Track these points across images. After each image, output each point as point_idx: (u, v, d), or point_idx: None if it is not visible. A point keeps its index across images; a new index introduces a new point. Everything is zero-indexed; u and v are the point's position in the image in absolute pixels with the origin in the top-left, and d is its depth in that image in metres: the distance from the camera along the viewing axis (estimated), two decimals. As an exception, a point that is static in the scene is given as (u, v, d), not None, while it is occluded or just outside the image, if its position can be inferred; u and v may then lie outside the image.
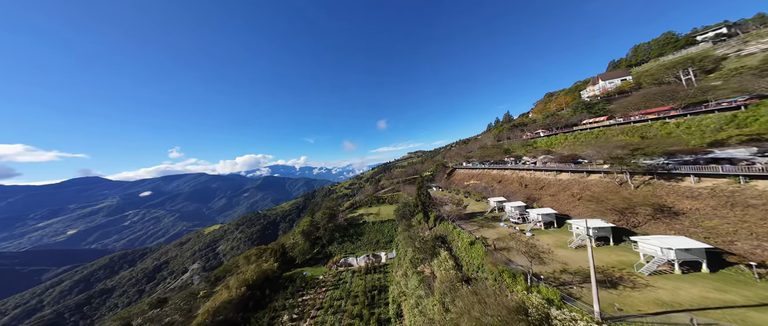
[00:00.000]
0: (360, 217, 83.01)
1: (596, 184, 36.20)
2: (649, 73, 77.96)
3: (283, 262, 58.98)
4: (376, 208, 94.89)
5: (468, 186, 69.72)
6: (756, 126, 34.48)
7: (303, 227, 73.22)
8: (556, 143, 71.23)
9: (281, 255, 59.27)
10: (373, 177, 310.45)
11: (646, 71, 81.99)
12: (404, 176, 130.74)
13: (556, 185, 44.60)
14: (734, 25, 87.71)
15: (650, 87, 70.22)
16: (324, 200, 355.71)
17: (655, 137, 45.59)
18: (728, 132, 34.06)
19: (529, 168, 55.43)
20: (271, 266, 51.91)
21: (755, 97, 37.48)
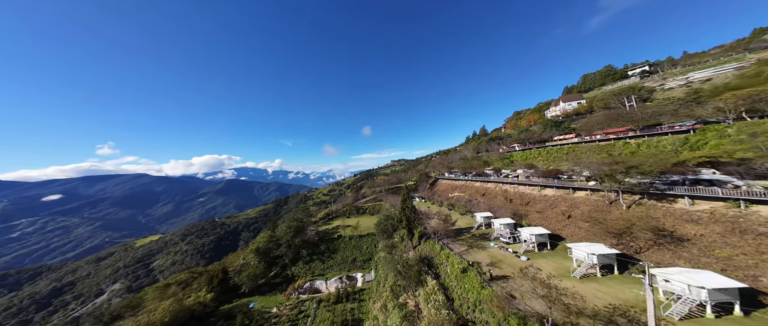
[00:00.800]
0: (335, 230, 73.06)
1: (584, 202, 34.92)
2: (599, 98, 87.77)
3: (224, 291, 46.01)
4: (354, 219, 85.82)
5: (452, 199, 66.40)
6: (707, 149, 37.69)
7: (259, 243, 60.52)
8: (530, 157, 73.48)
9: (220, 281, 46.18)
10: (355, 184, 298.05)
11: (595, 96, 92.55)
12: (387, 184, 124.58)
13: (541, 201, 43.08)
14: (653, 64, 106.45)
15: (600, 110, 78.19)
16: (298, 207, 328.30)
17: (620, 155, 48.10)
18: (684, 155, 36.44)
19: (513, 182, 54.25)
20: (201, 298, 39.04)
21: (700, 122, 41.80)
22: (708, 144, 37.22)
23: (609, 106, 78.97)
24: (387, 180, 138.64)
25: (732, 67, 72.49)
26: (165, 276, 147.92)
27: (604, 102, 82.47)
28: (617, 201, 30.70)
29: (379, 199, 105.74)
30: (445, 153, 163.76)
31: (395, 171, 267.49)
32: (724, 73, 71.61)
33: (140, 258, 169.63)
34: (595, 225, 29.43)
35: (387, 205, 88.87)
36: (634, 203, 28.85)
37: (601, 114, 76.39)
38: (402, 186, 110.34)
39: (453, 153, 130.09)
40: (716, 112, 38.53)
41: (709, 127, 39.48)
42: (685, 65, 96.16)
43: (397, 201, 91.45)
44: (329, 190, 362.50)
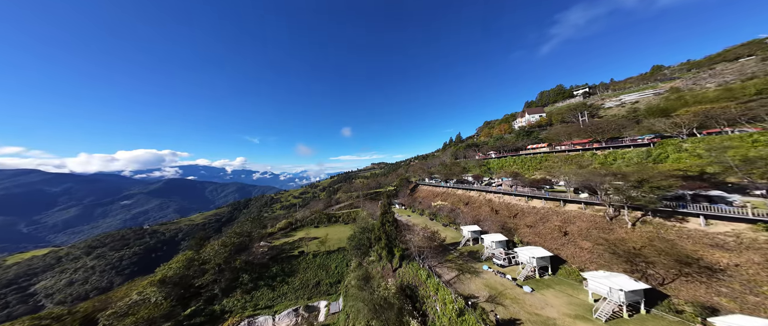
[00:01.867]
0: (296, 245, 59.34)
1: (579, 217, 31.69)
2: (557, 112, 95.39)
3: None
4: (324, 230, 72.96)
5: (434, 208, 60.11)
6: (669, 162, 39.33)
7: (170, 270, 42.72)
8: (506, 165, 73.11)
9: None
10: (331, 187, 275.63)
11: (552, 111, 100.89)
12: (365, 189, 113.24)
13: (531, 213, 39.40)
14: (591, 87, 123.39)
15: (558, 123, 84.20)
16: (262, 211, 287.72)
17: (590, 164, 48.64)
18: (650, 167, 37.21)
19: (497, 191, 50.57)
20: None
21: (657, 136, 44.59)
22: (669, 157, 39.01)
23: (565, 119, 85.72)
24: (365, 184, 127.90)
25: (651, 92, 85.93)
26: (54, 301, 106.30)
27: (561, 116, 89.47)
28: (619, 217, 27.68)
29: (356, 205, 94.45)
30: (423, 158, 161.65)
31: (375, 175, 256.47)
32: (647, 97, 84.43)
33: (12, 280, 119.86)
34: (598, 245, 25.62)
35: (364, 213, 78.48)
36: (638, 220, 25.97)
37: (560, 126, 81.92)
38: (382, 192, 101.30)
39: (431, 158, 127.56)
40: (673, 126, 41.05)
41: (665, 141, 42.06)
42: (615, 89, 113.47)
43: (376, 208, 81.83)
44: (301, 192, 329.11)
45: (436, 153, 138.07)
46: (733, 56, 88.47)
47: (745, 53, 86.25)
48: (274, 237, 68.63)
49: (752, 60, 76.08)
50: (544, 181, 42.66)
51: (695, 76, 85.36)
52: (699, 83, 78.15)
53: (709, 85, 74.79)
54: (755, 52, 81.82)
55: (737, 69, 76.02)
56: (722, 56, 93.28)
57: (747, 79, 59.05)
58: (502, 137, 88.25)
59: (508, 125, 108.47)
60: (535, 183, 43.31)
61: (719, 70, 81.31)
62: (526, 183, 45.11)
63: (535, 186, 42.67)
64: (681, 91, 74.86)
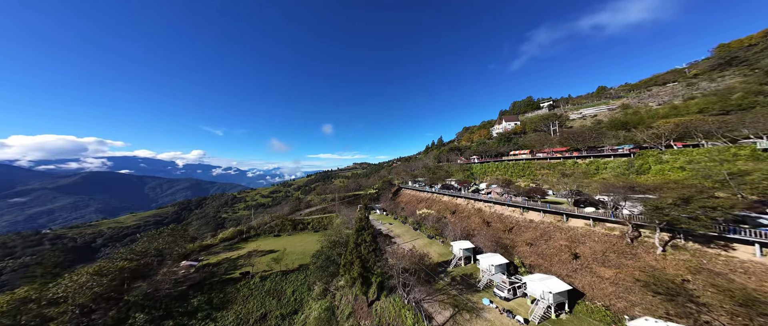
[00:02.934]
0: (240, 264, 44.71)
1: (588, 236, 26.84)
2: (530, 121, 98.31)
3: None
4: (285, 240, 59.27)
5: (419, 216, 52.12)
6: (652, 174, 38.49)
7: None
8: (489, 171, 69.89)
9: None
10: (307, 186, 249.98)
11: (526, 120, 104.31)
12: (343, 191, 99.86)
13: (528, 228, 34.03)
14: (555, 100, 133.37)
15: (531, 132, 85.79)
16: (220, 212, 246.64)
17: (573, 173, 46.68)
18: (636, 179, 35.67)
19: (487, 199, 44.96)
20: None
21: (636, 147, 44.58)
22: (651, 169, 38.23)
23: (537, 128, 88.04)
24: (344, 186, 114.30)
25: (606, 107, 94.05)
26: None
27: (534, 125, 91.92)
28: (640, 238, 23.05)
29: (331, 210, 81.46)
30: (406, 160, 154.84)
31: (356, 175, 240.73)
32: (603, 112, 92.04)
33: None
34: (622, 274, 20.38)
35: (339, 221, 66.80)
36: (667, 244, 21.52)
37: (534, 135, 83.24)
38: (362, 195, 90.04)
39: (414, 160, 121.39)
40: (653, 137, 40.86)
41: (644, 151, 41.98)
42: (574, 104, 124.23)
43: (354, 213, 71.37)
44: (272, 191, 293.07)
45: (419, 155, 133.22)
46: (662, 81, 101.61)
47: (670, 79, 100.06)
48: (213, 251, 52.40)
49: (679, 85, 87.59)
50: (537, 191, 38.13)
51: (638, 95, 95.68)
52: (643, 101, 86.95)
53: (651, 103, 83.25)
54: (678, 79, 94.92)
55: (669, 91, 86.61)
56: (653, 80, 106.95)
57: (689, 98, 66.13)
58: (485, 142, 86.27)
59: (486, 131, 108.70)
60: (529, 192, 38.56)
61: (655, 92, 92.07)
62: (520, 192, 40.43)
63: (527, 196, 37.99)
64: (630, 107, 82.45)
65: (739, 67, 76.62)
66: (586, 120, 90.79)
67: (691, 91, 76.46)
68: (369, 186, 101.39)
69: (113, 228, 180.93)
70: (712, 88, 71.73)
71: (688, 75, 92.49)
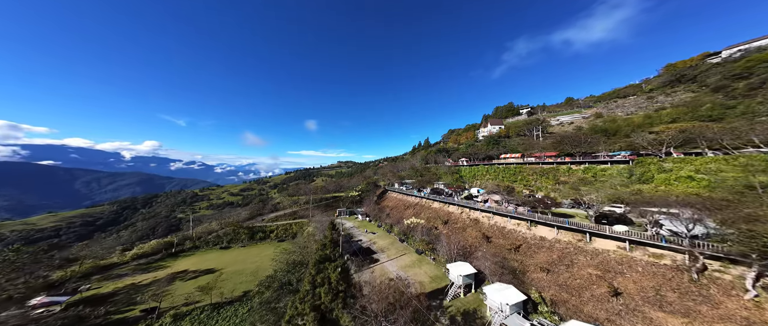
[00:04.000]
0: (154, 292, 30.38)
1: (627, 263, 20.77)
2: (513, 126, 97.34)
3: None
4: (234, 254, 46.43)
5: (406, 226, 43.37)
6: (656, 183, 35.09)
7: None
8: (479, 174, 64.59)
9: None
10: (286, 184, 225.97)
11: (510, 124, 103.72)
12: (322, 192, 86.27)
13: (541, 247, 27.49)
14: (533, 107, 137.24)
15: (515, 136, 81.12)
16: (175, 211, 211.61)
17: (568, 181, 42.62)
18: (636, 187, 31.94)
19: (485, 209, 38.14)
20: None
21: (634, 154, 42.00)
22: (655, 178, 35.13)
23: (520, 133, 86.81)
24: (323, 186, 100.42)
25: (579, 116, 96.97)
26: None
27: (517, 129, 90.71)
28: (708, 273, 17.14)
29: (301, 215, 68.76)
30: (392, 160, 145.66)
31: (341, 174, 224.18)
32: (578, 119, 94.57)
33: None
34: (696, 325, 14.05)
35: (311, 228, 55.16)
36: (757, 283, 15.71)
37: (518, 139, 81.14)
38: (342, 197, 78.17)
39: (401, 161, 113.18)
40: (656, 145, 38.16)
41: (643, 159, 39.41)
42: (549, 112, 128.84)
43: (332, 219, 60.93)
44: (243, 188, 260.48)
45: (406, 156, 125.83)
46: (622, 94, 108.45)
47: (630, 92, 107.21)
48: (115, 275, 36.85)
49: (640, 98, 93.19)
50: (547, 202, 32.08)
51: (606, 106, 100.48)
52: (613, 111, 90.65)
53: (619, 113, 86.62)
54: (636, 93, 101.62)
55: (633, 102, 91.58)
56: (615, 93, 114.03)
57: (660, 109, 68.64)
58: (473, 144, 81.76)
59: (472, 134, 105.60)
60: (536, 202, 32.41)
61: (621, 103, 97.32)
62: (526, 201, 34.29)
63: (533, 207, 31.84)
64: (602, 116, 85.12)
65: (687, 84, 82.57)
66: (564, 126, 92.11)
67: (653, 104, 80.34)
68: (351, 188, 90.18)
69: (20, 231, 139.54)
70: (668, 101, 75.62)
71: (645, 90, 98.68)
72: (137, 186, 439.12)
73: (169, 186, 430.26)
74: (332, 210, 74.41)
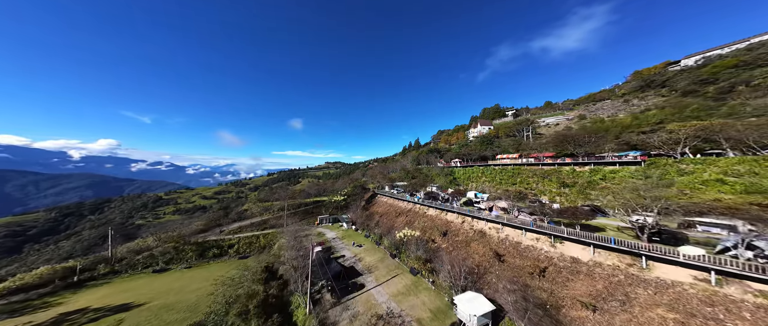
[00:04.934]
0: None
1: (720, 303, 14.32)
2: (503, 127, 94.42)
3: None
4: (169, 278, 33.64)
5: (398, 239, 34.85)
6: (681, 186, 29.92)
7: None
8: (474, 176, 58.51)
9: None
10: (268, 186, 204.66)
11: (499, 125, 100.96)
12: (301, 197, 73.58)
13: (576, 273, 20.67)
14: (518, 109, 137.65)
15: (504, 137, 78.42)
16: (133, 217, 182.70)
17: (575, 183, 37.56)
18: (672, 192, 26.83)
19: (492, 219, 31.01)
20: None
21: (644, 153, 38.12)
22: (675, 181, 30.78)
23: (509, 134, 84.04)
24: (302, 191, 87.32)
25: (563, 117, 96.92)
26: None
27: (507, 130, 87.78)
28: None
29: (274, 224, 57.04)
30: (383, 161, 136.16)
31: (329, 175, 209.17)
32: (562, 121, 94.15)
33: None
34: None
35: (283, 241, 44.09)
36: None
37: (508, 139, 78.18)
38: (325, 202, 66.84)
39: (392, 162, 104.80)
40: (671, 144, 34.23)
41: (656, 159, 35.47)
42: (533, 114, 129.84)
43: (311, 230, 49.67)
44: (217, 191, 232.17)
45: (397, 156, 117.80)
46: (598, 98, 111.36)
47: (604, 96, 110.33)
48: None
49: (616, 101, 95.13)
50: (586, 211, 25.25)
51: (587, 108, 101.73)
52: (594, 113, 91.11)
53: (601, 114, 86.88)
54: (609, 97, 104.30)
55: (610, 106, 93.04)
56: (591, 98, 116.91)
57: (645, 110, 68.45)
58: (467, 144, 76.28)
59: (463, 134, 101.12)
60: (566, 213, 25.86)
61: (600, 105, 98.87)
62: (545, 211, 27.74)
63: (555, 218, 25.24)
64: (586, 117, 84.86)
65: (657, 89, 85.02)
66: (551, 128, 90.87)
67: (629, 106, 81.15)
68: (337, 191, 79.32)
69: None
70: (643, 104, 76.44)
71: (618, 94, 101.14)
72: (88, 189, 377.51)
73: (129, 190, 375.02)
74: (313, 217, 63.66)
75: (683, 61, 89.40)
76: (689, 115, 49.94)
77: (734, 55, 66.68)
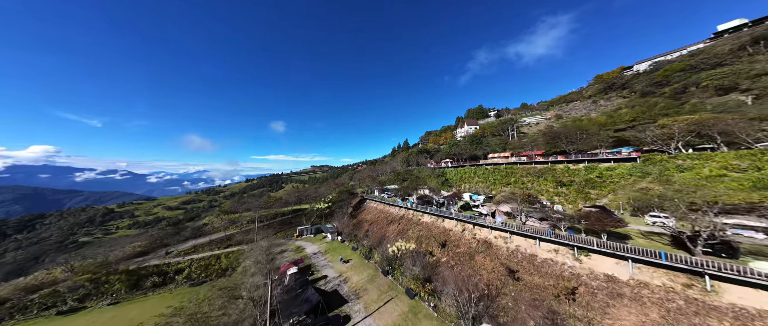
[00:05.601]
0: None
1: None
2: (488, 126, 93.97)
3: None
4: (78, 320, 22.71)
5: (390, 252, 28.40)
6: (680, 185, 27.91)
7: None
8: (466, 177, 54.60)
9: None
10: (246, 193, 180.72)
11: (485, 125, 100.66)
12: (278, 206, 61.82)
13: (617, 297, 16.26)
14: (499, 110, 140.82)
15: (490, 136, 77.67)
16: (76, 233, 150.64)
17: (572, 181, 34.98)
18: None
19: (499, 227, 26.19)
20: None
21: (636, 150, 36.93)
22: (675, 177, 29.27)
23: (496, 133, 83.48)
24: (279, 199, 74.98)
25: (542, 117, 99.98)
26: None
27: (492, 129, 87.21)
28: None
29: (241, 240, 46.75)
30: (372, 163, 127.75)
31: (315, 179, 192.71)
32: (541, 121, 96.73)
33: None
34: None
35: (249, 262, 34.67)
36: None
37: (496, 139, 77.32)
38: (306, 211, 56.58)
39: (381, 163, 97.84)
40: (665, 140, 33.06)
41: (652, 155, 34.27)
42: (513, 114, 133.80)
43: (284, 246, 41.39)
44: (185, 201, 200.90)
45: (386, 158, 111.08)
46: (569, 100, 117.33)
47: (574, 98, 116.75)
48: None
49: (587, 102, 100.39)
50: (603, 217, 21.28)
51: (561, 109, 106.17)
52: (568, 113, 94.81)
53: (575, 114, 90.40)
54: (578, 99, 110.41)
55: (581, 106, 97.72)
56: (563, 99, 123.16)
57: (618, 109, 71.43)
58: (457, 143, 73.05)
59: (451, 134, 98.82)
60: (581, 217, 21.71)
61: (572, 106, 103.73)
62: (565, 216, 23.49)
63: (575, 225, 21.02)
64: (562, 117, 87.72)
65: (618, 91, 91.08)
66: (532, 127, 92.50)
67: (598, 107, 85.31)
68: (320, 198, 69.35)
69: None
70: (609, 104, 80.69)
71: (585, 96, 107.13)
72: (15, 204, 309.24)
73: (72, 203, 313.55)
74: (292, 228, 54.45)
75: (635, 66, 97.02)
76: (658, 112, 51.43)
77: (680, 60, 72.84)
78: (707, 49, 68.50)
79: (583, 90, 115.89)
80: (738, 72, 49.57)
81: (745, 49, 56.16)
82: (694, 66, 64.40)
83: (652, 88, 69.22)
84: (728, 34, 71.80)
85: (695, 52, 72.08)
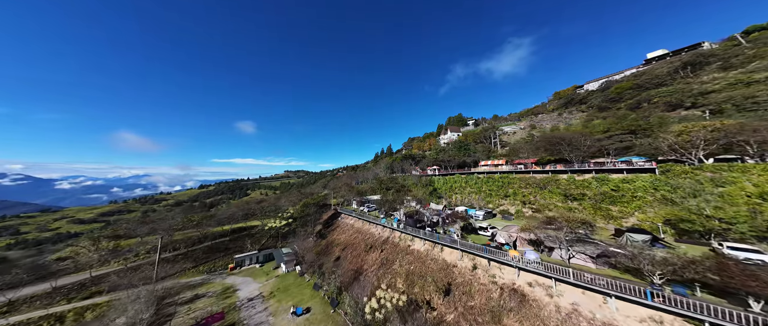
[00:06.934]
0: None
1: None
2: (472, 133, 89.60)
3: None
4: None
5: (374, 298, 15.03)
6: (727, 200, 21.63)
7: None
8: (456, 187, 45.31)
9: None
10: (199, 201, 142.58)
11: (467, 132, 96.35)
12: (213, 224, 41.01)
13: None
14: (476, 119, 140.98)
15: (473, 143, 74.48)
16: None
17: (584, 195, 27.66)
18: None
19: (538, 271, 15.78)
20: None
21: (649, 160, 31.34)
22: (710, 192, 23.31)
23: (478, 140, 79.84)
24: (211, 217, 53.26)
25: (517, 127, 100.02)
26: None
27: (475, 137, 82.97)
28: None
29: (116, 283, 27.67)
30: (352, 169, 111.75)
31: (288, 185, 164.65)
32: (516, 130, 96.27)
33: None
34: None
35: (120, 321, 16.44)
36: None
37: (480, 146, 73.06)
38: (255, 229, 37.16)
39: (363, 170, 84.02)
40: (687, 148, 27.60)
41: (672, 166, 28.69)
42: (489, 123, 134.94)
43: (196, 295, 25.60)
44: (105, 212, 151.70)
45: (369, 164, 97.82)
46: (536, 112, 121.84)
47: (540, 111, 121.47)
48: None
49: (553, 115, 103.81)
50: None
51: (532, 120, 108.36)
52: (540, 124, 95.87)
53: (544, 125, 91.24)
54: (544, 112, 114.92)
55: (549, 118, 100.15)
56: (530, 112, 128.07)
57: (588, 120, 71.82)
58: (444, 149, 64.98)
59: (434, 140, 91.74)
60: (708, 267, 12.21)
61: (541, 118, 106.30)
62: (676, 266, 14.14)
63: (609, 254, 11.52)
64: (536, 127, 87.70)
65: (578, 106, 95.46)
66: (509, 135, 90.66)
67: (564, 119, 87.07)
68: (278, 211, 48.68)
69: None
70: (573, 117, 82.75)
71: (549, 109, 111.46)
72: None
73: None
74: (229, 256, 37.31)
75: (586, 85, 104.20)
76: (629, 123, 49.81)
77: (626, 80, 77.95)
78: (648, 71, 73.85)
79: (545, 104, 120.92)
80: (680, 91, 51.64)
81: (678, 72, 60.79)
82: (640, 85, 67.98)
83: (607, 104, 71.11)
84: (655, 61, 79.89)
85: (638, 74, 77.51)
